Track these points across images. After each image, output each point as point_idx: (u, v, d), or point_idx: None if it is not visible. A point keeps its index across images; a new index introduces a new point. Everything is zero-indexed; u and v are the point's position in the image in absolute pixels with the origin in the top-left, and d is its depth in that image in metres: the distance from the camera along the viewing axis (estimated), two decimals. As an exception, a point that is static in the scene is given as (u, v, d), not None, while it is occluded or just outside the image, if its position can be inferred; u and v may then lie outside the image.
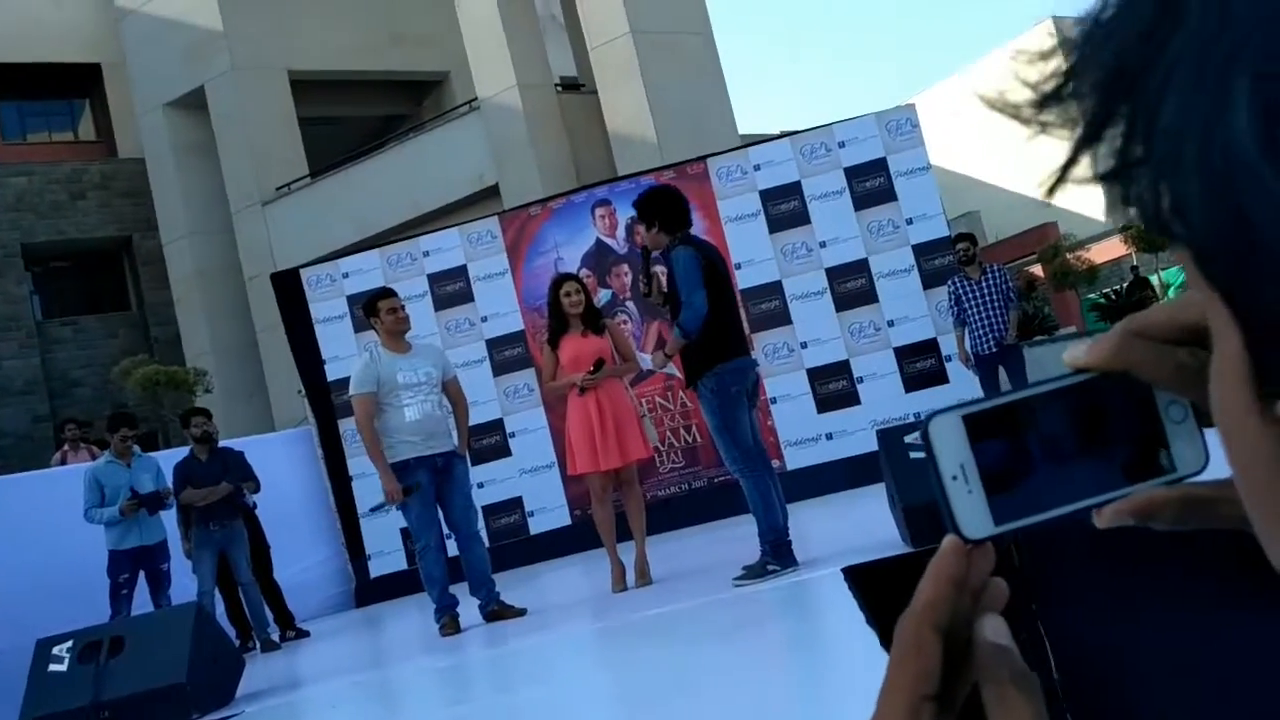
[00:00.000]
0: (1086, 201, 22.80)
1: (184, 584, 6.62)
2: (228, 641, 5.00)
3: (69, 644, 4.55)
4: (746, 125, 17.10)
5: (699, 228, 8.14)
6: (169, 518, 6.76)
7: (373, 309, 5.37)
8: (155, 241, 18.53)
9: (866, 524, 5.02)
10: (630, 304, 8.78)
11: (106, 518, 6.38)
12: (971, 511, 0.41)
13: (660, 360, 5.03)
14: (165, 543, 6.58)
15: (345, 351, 8.90)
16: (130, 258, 19.79)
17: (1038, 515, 0.41)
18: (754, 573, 4.35)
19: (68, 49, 20.09)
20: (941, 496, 0.41)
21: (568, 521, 8.57)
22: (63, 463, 9.33)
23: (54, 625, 4.85)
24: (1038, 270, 15.97)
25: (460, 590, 5.26)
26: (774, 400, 8.52)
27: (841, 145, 8.81)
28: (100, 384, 17.48)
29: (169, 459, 7.15)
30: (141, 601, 6.41)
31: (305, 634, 7.20)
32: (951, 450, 0.41)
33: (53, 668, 4.51)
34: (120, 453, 6.59)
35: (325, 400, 8.97)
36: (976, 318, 7.60)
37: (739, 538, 4.61)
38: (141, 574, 6.46)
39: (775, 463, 8.01)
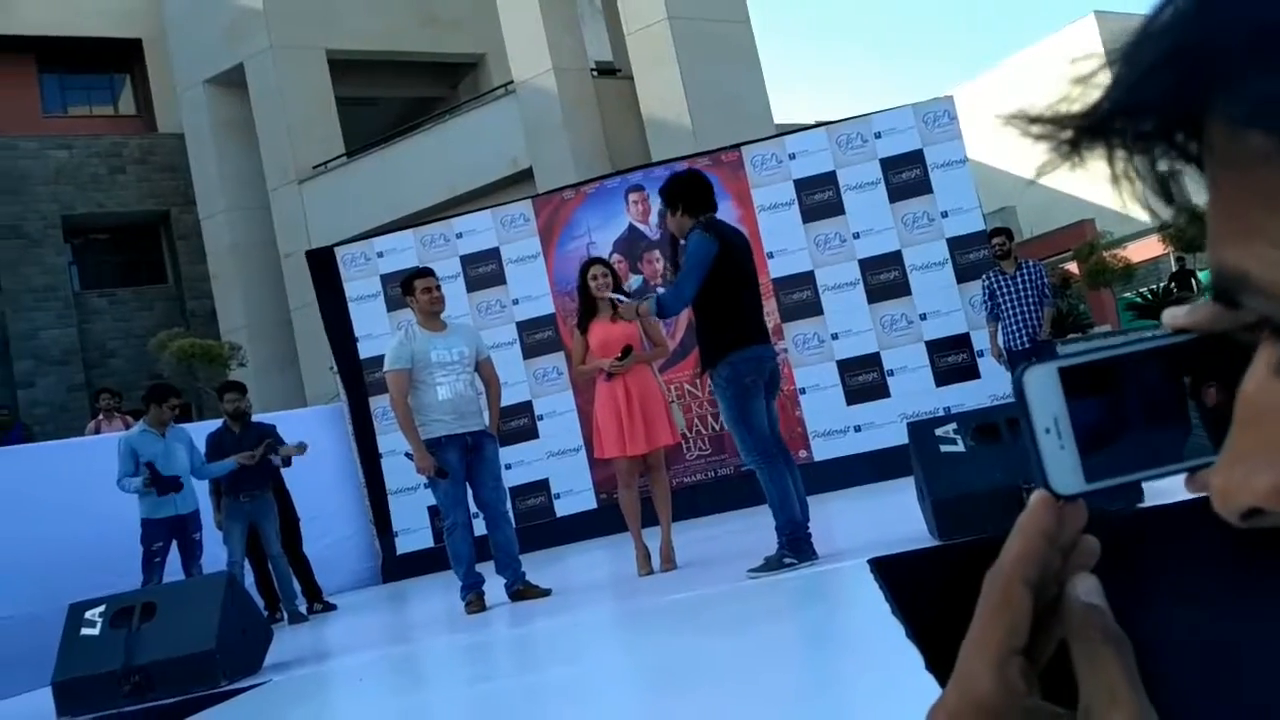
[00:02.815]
0: (1125, 199, 22.47)
1: (215, 554, 6.72)
2: (257, 611, 5.07)
3: (101, 609, 4.63)
4: (782, 115, 17.01)
5: (732, 215, 8.14)
6: (201, 489, 6.85)
7: (409, 287, 5.41)
8: (192, 216, 18.72)
9: (894, 517, 5.00)
10: (662, 290, 8.78)
11: (135, 487, 6.47)
12: (1063, 466, 0.40)
13: (628, 310, 4.83)
14: (198, 513, 6.68)
15: (378, 330, 8.97)
16: (168, 232, 20.01)
17: (1130, 475, 0.40)
18: (770, 565, 4.31)
19: (109, 24, 20.30)
20: (1033, 450, 0.40)
21: (593, 505, 8.60)
22: (97, 432, 9.47)
23: (87, 591, 4.93)
24: (1073, 268, 15.80)
25: (486, 569, 5.30)
26: (803, 391, 8.50)
27: (878, 136, 8.75)
28: (135, 355, 17.70)
29: (201, 431, 7.24)
30: (173, 570, 6.51)
31: (332, 607, 7.29)
32: (1046, 403, 0.40)
33: (85, 631, 4.59)
34: (161, 423, 6.67)
35: (357, 377, 9.05)
36: (1010, 313, 7.54)
37: (764, 526, 4.61)
38: (174, 543, 6.55)
39: (802, 454, 8.01)
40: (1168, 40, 0.32)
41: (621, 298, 5.09)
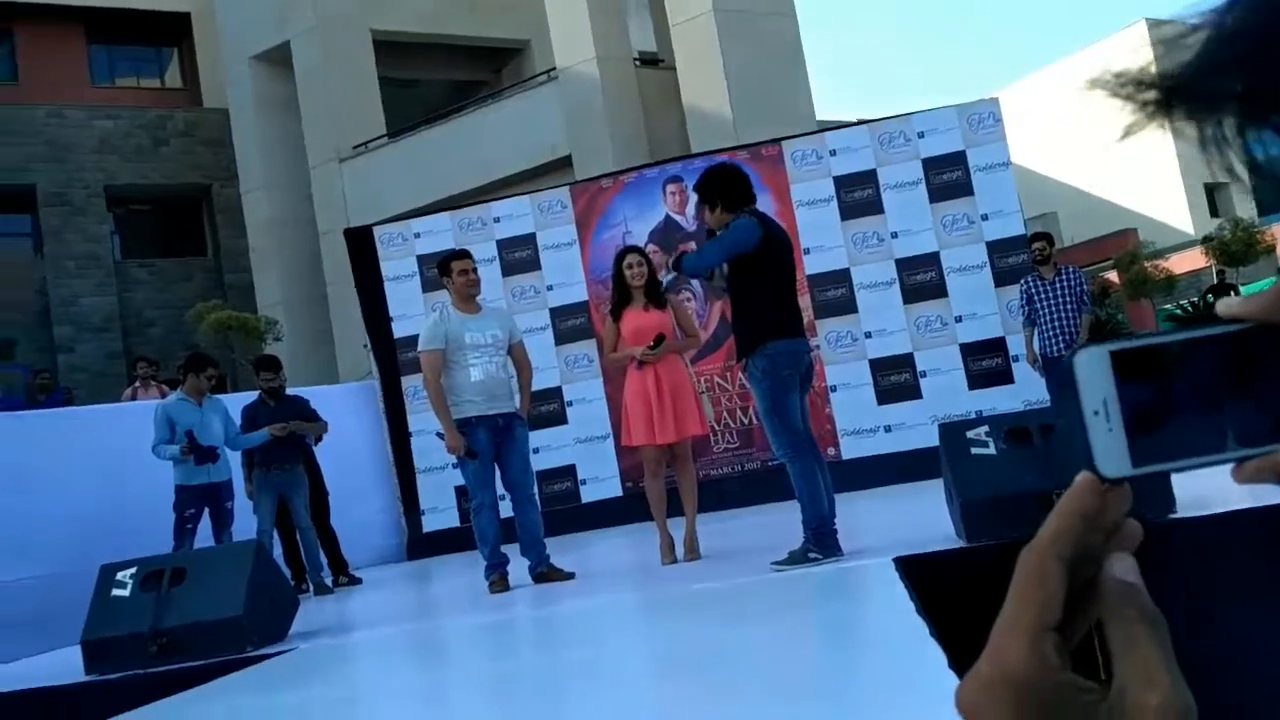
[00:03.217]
0: (1169, 209, 22.22)
1: (245, 524, 6.81)
2: (284, 581, 5.13)
3: (133, 570, 4.70)
4: (824, 111, 16.90)
5: (770, 210, 8.10)
6: (234, 459, 6.94)
7: (446, 269, 5.44)
8: (234, 191, 18.92)
9: (920, 518, 4.98)
10: (695, 282, 8.77)
11: (171, 454, 6.56)
12: (1110, 449, 0.40)
13: (665, 260, 4.97)
14: (230, 482, 6.76)
15: (412, 310, 9.04)
16: (209, 205, 20.24)
17: (1177, 462, 0.40)
18: (795, 559, 4.32)
19: (160, -3, 20.55)
20: (1080, 432, 0.41)
21: (619, 493, 8.63)
22: (133, 398, 9.60)
23: (119, 553, 5.01)
24: (1113, 276, 15.61)
25: (510, 550, 5.34)
26: (834, 389, 8.47)
27: (921, 136, 8.69)
28: (173, 325, 17.93)
29: (236, 402, 7.34)
30: (203, 538, 6.60)
31: (358, 581, 7.37)
32: (1096, 385, 0.41)
33: (115, 593, 4.66)
34: (198, 392, 6.76)
35: (390, 356, 9.12)
36: (1047, 319, 7.47)
37: (789, 522, 4.60)
38: (205, 511, 6.64)
39: (830, 451, 7.99)
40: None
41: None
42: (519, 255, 9.09)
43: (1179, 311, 14.79)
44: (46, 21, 19.97)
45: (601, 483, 8.73)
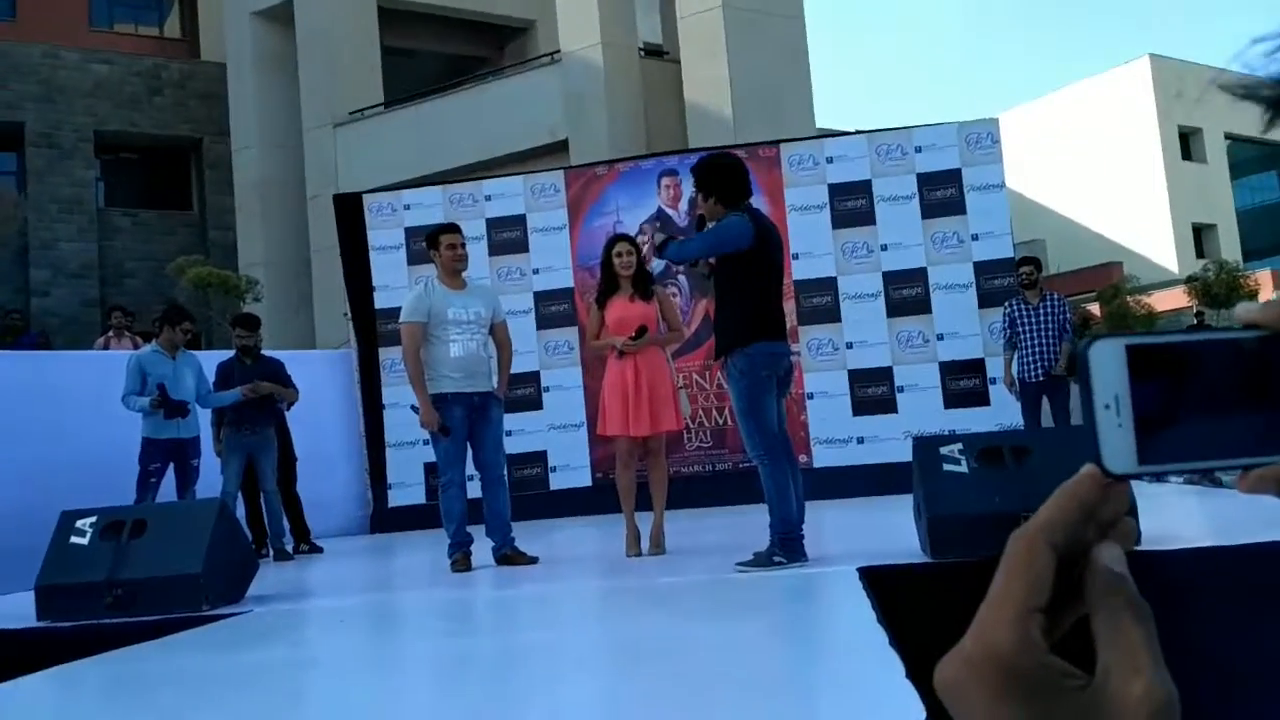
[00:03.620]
0: (1156, 247, 22.39)
1: (211, 482, 6.74)
2: (245, 542, 5.08)
3: (93, 519, 4.64)
4: (823, 119, 16.93)
5: (762, 211, 8.11)
6: (204, 416, 6.88)
7: (434, 242, 5.40)
8: (224, 147, 18.74)
9: (887, 530, 5.00)
10: (682, 278, 8.77)
11: (141, 405, 6.49)
12: (1118, 444, 0.40)
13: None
14: (198, 439, 6.70)
15: (396, 282, 8.98)
16: (198, 159, 20.05)
17: (1183, 463, 0.40)
18: (759, 561, 4.31)
19: (166, -56, 20.33)
20: (1090, 424, 0.40)
21: (588, 482, 8.62)
22: (105, 348, 9.50)
23: (80, 500, 4.95)
24: (1095, 308, 15.73)
25: (475, 531, 5.32)
26: (810, 396, 8.49)
27: (918, 150, 8.71)
28: (152, 277, 17.76)
29: (210, 359, 7.27)
30: (166, 494, 6.54)
31: (319, 549, 7.32)
32: (1108, 378, 0.40)
33: (74, 540, 4.60)
34: (173, 345, 6.69)
35: (369, 326, 9.07)
36: (1029, 344, 7.51)
37: (757, 524, 4.60)
38: (170, 466, 6.58)
39: (803, 458, 7.99)
40: None
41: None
42: (508, 235, 9.05)
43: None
44: (48, -40, 19.73)
45: (572, 471, 8.72)
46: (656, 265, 8.66)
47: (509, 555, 5.25)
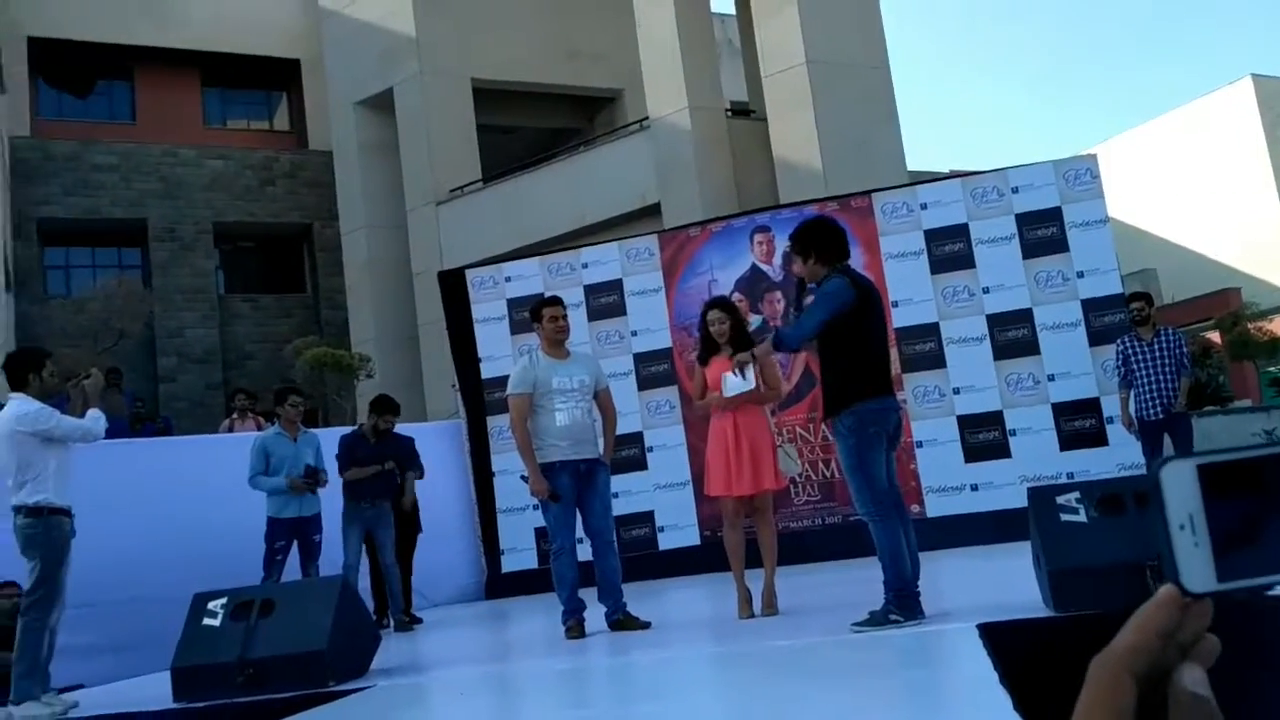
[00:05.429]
0: (1272, 268, 21.43)
1: (332, 557, 6.95)
2: (367, 616, 5.22)
3: (224, 600, 4.83)
4: (913, 160, 16.81)
5: (859, 262, 8.06)
6: (326, 493, 7.11)
7: (537, 315, 5.53)
8: (334, 230, 19.54)
9: (1007, 582, 4.86)
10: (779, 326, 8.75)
11: (270, 486, 6.73)
12: (1195, 564, 0.40)
13: (744, 358, 4.87)
14: (319, 515, 6.92)
15: (500, 352, 9.20)
16: (309, 244, 20.93)
17: (1265, 577, 0.40)
18: (875, 620, 4.23)
19: (272, 43, 21.47)
20: (1165, 545, 0.41)
21: (697, 541, 8.59)
22: (230, 430, 9.92)
23: (210, 581, 5.16)
24: (1214, 337, 15.10)
25: (587, 595, 5.35)
26: (920, 444, 8.34)
27: (1015, 191, 8.58)
28: (271, 359, 18.50)
29: (328, 437, 7.53)
30: (291, 570, 6.76)
31: (418, 620, 7.43)
32: (1182, 499, 0.41)
33: (206, 621, 4.79)
34: (291, 420, 6.96)
35: (477, 396, 9.29)
36: (1145, 381, 7.26)
37: (870, 579, 4.53)
38: (294, 543, 6.80)
39: (915, 509, 7.84)
40: None
41: (747, 364, 5.00)
42: (605, 300, 9.20)
43: (1285, 375, 14.21)
44: (164, 65, 21.02)
45: (680, 530, 8.71)
46: (754, 322, 8.68)
47: (622, 620, 5.27)
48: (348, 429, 7.62)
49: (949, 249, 8.58)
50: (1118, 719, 0.40)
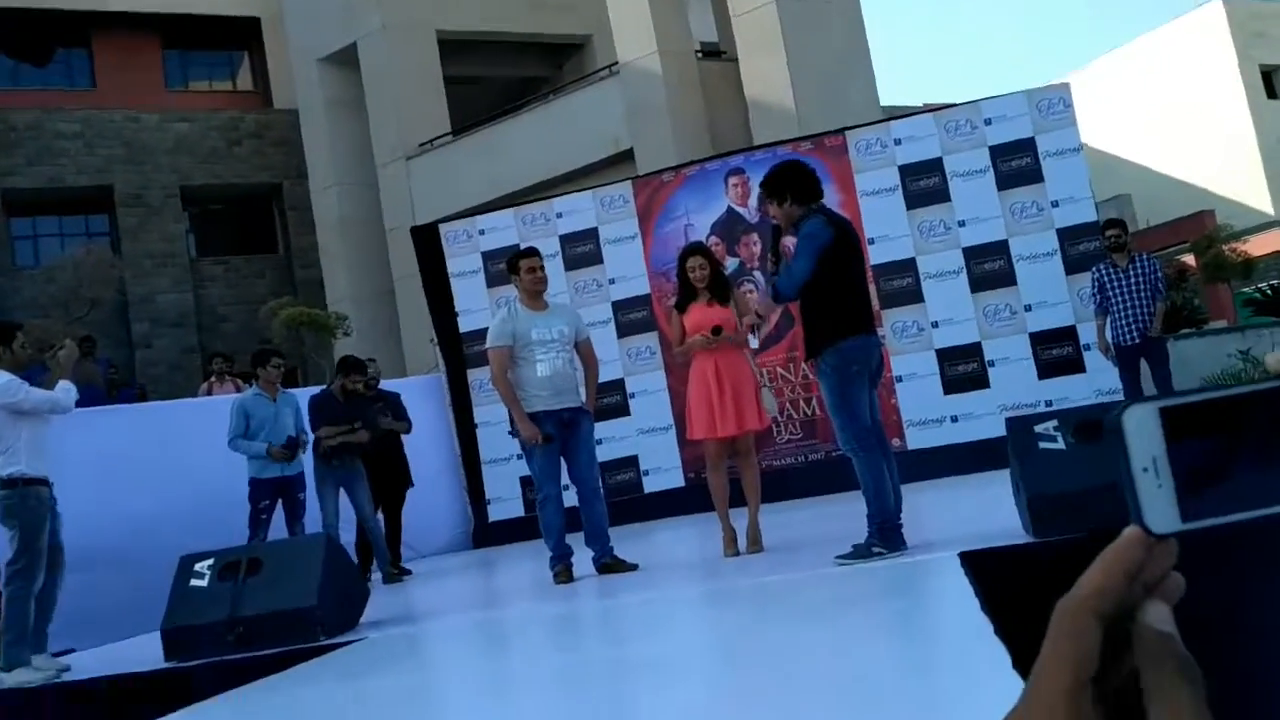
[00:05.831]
0: (1247, 190, 21.52)
1: (318, 516, 6.95)
2: (355, 571, 5.25)
3: (210, 561, 4.84)
4: (886, 94, 16.69)
5: (834, 200, 8.05)
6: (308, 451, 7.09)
7: (514, 266, 5.50)
8: (304, 189, 19.29)
9: (987, 510, 4.92)
10: (757, 274, 8.76)
11: (251, 451, 6.72)
12: (1159, 505, 0.41)
13: (752, 319, 4.94)
14: (303, 474, 6.92)
15: (477, 305, 9.15)
16: (279, 204, 20.67)
17: (1226, 516, 0.41)
18: (859, 553, 4.29)
19: (230, 2, 21.01)
20: (1129, 488, 0.41)
21: (681, 483, 8.66)
22: (209, 393, 9.87)
23: (196, 543, 5.17)
24: (1189, 260, 15.18)
25: (575, 540, 5.39)
26: (899, 379, 8.39)
27: (988, 123, 8.55)
28: (246, 321, 18.35)
29: (304, 397, 7.49)
30: (277, 530, 6.77)
31: (407, 572, 7.46)
32: (1145, 442, 0.41)
33: (194, 583, 4.80)
34: (270, 383, 6.92)
35: (456, 350, 9.26)
36: (1121, 307, 7.30)
37: (854, 514, 4.57)
38: (279, 502, 6.80)
39: (895, 442, 7.91)
40: None
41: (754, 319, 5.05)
42: (581, 250, 9.15)
43: (1258, 295, 14.32)
44: (122, 30, 20.55)
45: (664, 473, 8.77)
46: (730, 265, 8.67)
47: (610, 564, 5.31)
48: (319, 388, 7.57)
49: (924, 184, 8.57)
50: (1083, 660, 0.41)
